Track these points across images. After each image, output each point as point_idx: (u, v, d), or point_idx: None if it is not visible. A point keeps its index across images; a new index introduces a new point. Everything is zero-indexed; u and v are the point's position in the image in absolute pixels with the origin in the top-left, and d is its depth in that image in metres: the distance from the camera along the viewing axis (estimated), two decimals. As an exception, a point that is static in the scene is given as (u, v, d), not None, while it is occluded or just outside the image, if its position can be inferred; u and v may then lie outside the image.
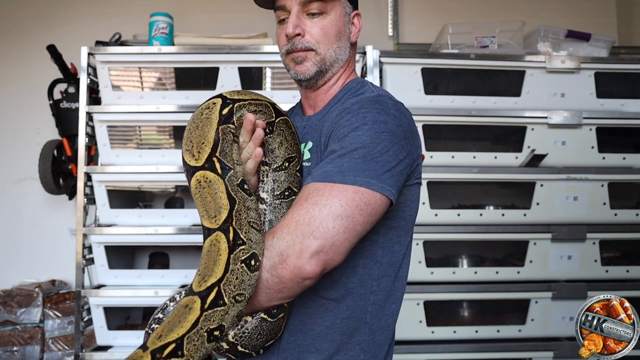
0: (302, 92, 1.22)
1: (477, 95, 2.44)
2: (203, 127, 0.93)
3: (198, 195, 0.89)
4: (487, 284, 2.38)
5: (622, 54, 3.02)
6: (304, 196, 0.93)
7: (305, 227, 0.89)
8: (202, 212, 0.88)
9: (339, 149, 0.97)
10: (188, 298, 0.84)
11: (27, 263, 3.15)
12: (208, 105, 0.96)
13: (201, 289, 0.84)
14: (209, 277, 0.85)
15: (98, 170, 2.40)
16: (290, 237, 0.89)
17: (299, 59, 1.13)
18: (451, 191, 2.54)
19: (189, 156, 0.91)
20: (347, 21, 1.17)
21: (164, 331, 0.82)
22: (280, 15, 1.15)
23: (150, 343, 0.81)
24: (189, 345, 0.82)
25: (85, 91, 2.40)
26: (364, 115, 1.00)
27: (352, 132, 0.98)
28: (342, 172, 0.93)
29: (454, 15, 3.21)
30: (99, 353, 2.33)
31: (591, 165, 2.43)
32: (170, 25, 2.51)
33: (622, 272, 2.44)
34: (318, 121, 1.16)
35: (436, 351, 2.33)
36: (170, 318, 0.83)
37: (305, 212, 0.90)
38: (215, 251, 0.86)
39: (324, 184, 0.93)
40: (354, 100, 1.07)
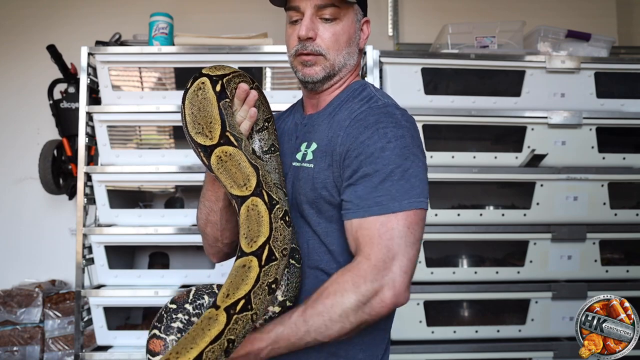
0: (306, 92, 1.25)
1: (477, 95, 2.44)
2: (205, 107, 0.98)
3: (222, 170, 0.96)
4: (487, 284, 2.38)
5: (622, 54, 3.02)
6: (377, 234, 1.00)
7: (393, 265, 0.99)
8: (230, 183, 0.96)
9: (373, 172, 1.03)
10: (243, 259, 0.92)
11: (27, 263, 3.15)
12: (198, 86, 1.00)
13: (254, 249, 0.93)
14: (257, 237, 0.93)
15: (98, 170, 2.40)
16: (382, 279, 0.98)
17: (308, 63, 1.15)
18: (451, 191, 2.54)
19: (202, 137, 0.96)
20: (358, 28, 1.20)
21: (230, 290, 0.89)
22: (293, 16, 1.16)
23: (220, 302, 0.88)
24: (255, 299, 0.90)
25: (85, 91, 2.40)
26: (384, 131, 1.05)
27: (380, 152, 1.04)
28: (394, 198, 1.01)
29: (454, 15, 3.21)
30: (99, 353, 2.33)
31: (591, 165, 2.43)
32: (170, 25, 2.51)
33: (622, 272, 2.44)
34: (320, 120, 1.18)
35: (436, 351, 2.33)
36: (232, 278, 0.91)
37: (387, 250, 0.99)
38: (256, 214, 0.94)
39: (386, 216, 1.00)
40: (364, 109, 1.11)
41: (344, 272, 1.00)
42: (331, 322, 0.98)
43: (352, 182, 1.06)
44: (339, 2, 1.13)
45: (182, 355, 0.81)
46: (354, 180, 1.05)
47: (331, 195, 1.10)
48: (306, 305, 1.00)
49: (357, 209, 1.03)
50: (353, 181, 1.05)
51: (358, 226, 1.03)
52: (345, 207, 1.06)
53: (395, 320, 2.37)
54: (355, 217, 1.03)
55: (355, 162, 1.05)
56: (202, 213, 1.19)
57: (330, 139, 1.12)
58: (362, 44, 1.22)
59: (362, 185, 1.04)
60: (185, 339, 0.84)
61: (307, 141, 1.17)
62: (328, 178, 1.10)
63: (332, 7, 1.12)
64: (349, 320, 0.98)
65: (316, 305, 0.99)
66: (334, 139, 1.11)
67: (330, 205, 1.11)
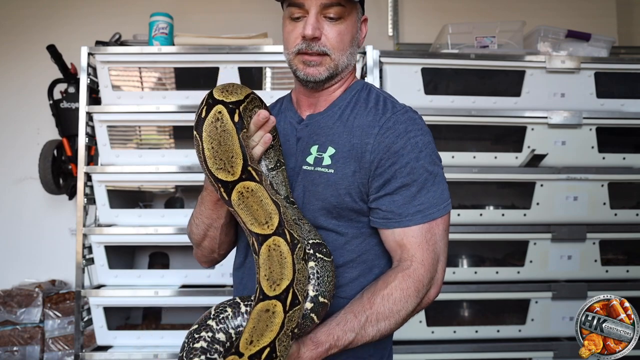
0: (303, 90, 1.21)
1: (477, 95, 2.44)
2: (225, 141, 0.93)
3: (243, 206, 0.93)
4: (487, 284, 2.38)
5: (622, 54, 3.02)
6: (424, 240, 1.08)
7: (438, 266, 1.10)
8: (251, 220, 0.93)
9: (411, 182, 1.09)
10: (266, 302, 0.89)
11: (27, 263, 3.15)
12: (216, 116, 0.95)
13: (277, 293, 0.90)
14: (280, 280, 0.90)
15: (98, 170, 2.40)
16: (432, 280, 1.09)
17: (312, 63, 1.12)
18: (451, 191, 2.53)
19: (223, 173, 0.93)
20: (359, 27, 1.18)
21: (254, 336, 0.86)
22: (295, 13, 1.12)
23: (243, 348, 0.85)
24: (280, 346, 0.88)
25: (85, 91, 2.40)
26: (415, 141, 1.10)
27: (415, 162, 1.09)
28: (433, 205, 1.09)
29: (454, 15, 3.21)
30: (99, 353, 2.33)
31: (591, 165, 2.43)
32: (170, 25, 2.51)
33: (622, 272, 2.44)
34: (329, 123, 1.16)
35: (436, 351, 2.33)
36: (254, 323, 0.88)
37: (434, 254, 1.08)
38: (278, 255, 0.91)
39: (429, 224, 1.09)
40: (389, 116, 1.12)
41: (405, 278, 1.06)
42: (395, 325, 1.05)
43: (390, 192, 1.09)
44: (344, 1, 1.11)
45: None
46: (391, 189, 1.09)
47: (354, 201, 1.11)
48: (370, 311, 1.03)
49: (400, 219, 1.08)
50: (390, 190, 1.09)
51: (402, 234, 1.08)
52: (386, 217, 1.09)
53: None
54: (399, 226, 1.08)
55: (389, 171, 1.08)
56: (198, 228, 1.17)
57: (354, 146, 1.11)
58: (361, 43, 1.21)
59: (400, 195, 1.08)
60: None
61: (318, 144, 1.14)
62: (352, 184, 1.10)
63: (337, 6, 1.10)
64: (406, 321, 1.08)
65: (383, 310, 1.04)
66: (360, 146, 1.10)
67: (352, 212, 1.12)
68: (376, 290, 1.05)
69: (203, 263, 1.28)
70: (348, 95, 1.18)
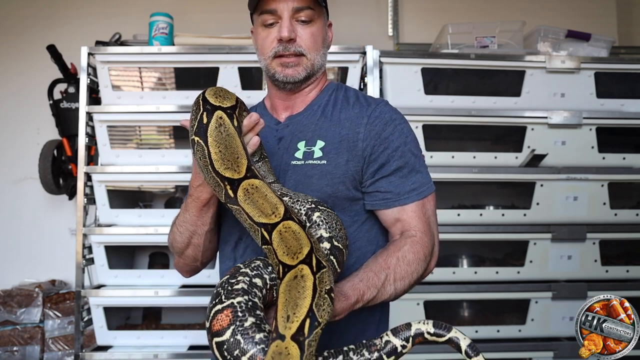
0: (279, 94, 1.25)
1: (477, 95, 2.44)
2: (230, 144, 0.99)
3: (249, 201, 0.97)
4: (487, 284, 2.38)
5: (622, 54, 3.02)
6: (421, 214, 1.17)
7: (435, 239, 1.20)
8: (257, 212, 0.96)
9: (403, 165, 1.18)
10: (292, 271, 0.87)
11: (27, 263, 3.15)
12: (218, 122, 1.00)
13: (301, 259, 0.88)
14: (300, 249, 0.90)
15: (98, 170, 2.40)
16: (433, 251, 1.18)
17: (290, 64, 1.18)
18: (451, 191, 2.54)
19: (231, 172, 0.97)
20: (327, 30, 1.25)
21: (289, 310, 0.82)
22: (268, 19, 1.18)
23: (282, 329, 0.80)
24: (320, 312, 0.84)
25: (85, 91, 2.40)
26: (400, 127, 1.20)
27: (404, 146, 1.18)
28: (423, 184, 1.18)
29: (454, 15, 3.21)
30: (99, 353, 2.33)
31: (591, 165, 2.43)
32: (170, 25, 2.51)
33: (622, 272, 2.44)
34: (312, 120, 1.21)
35: (436, 351, 2.33)
36: (286, 295, 0.84)
37: (429, 227, 1.18)
38: (291, 234, 0.93)
39: (422, 201, 1.18)
40: (374, 107, 1.21)
41: (415, 244, 1.13)
42: (409, 285, 1.13)
43: (386, 174, 1.17)
44: (314, 5, 1.18)
45: None
46: (387, 172, 1.17)
47: (347, 189, 1.16)
48: (388, 271, 1.09)
49: (399, 197, 1.16)
50: (386, 173, 1.17)
51: (402, 211, 1.16)
52: (385, 197, 1.17)
53: (396, 320, 2.38)
54: (398, 205, 1.16)
55: (383, 156, 1.16)
56: (182, 236, 1.19)
57: (345, 137, 1.17)
58: (329, 46, 1.28)
59: (395, 176, 1.17)
60: None
61: (305, 140, 1.19)
62: (346, 173, 1.15)
63: (308, 9, 1.17)
64: (414, 284, 1.16)
65: (400, 270, 1.10)
66: (351, 135, 1.17)
67: (346, 200, 1.17)
68: (390, 253, 1.11)
69: (184, 272, 1.29)
70: (325, 94, 1.25)
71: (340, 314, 0.99)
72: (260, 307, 0.93)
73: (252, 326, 0.87)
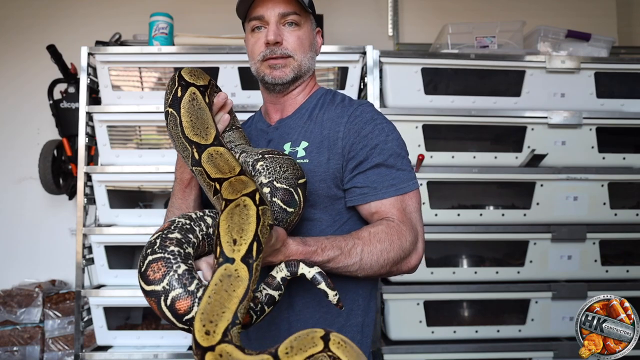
0: (269, 97, 1.31)
1: (477, 95, 2.44)
2: (201, 116, 1.08)
3: (210, 162, 1.02)
4: (487, 284, 2.38)
5: (622, 54, 3.02)
6: (400, 209, 1.17)
7: (419, 235, 1.18)
8: (215, 171, 1.01)
9: (382, 161, 1.19)
10: (234, 202, 0.90)
11: (27, 263, 3.15)
12: (191, 96, 1.10)
13: (243, 193, 0.92)
14: (243, 188, 0.94)
15: (98, 170, 2.40)
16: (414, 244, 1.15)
17: (277, 66, 1.24)
18: (451, 191, 2.54)
19: (198, 138, 1.06)
20: (314, 36, 1.31)
21: (234, 234, 0.84)
22: (256, 24, 1.25)
23: (229, 252, 0.83)
24: (263, 239, 0.89)
25: (85, 91, 2.40)
26: (382, 126, 1.21)
27: (384, 144, 1.20)
28: (403, 181, 1.19)
29: (454, 15, 3.21)
30: (99, 353, 2.33)
31: (591, 165, 2.43)
32: (170, 25, 2.51)
33: (622, 272, 2.44)
34: (299, 123, 1.26)
35: (436, 351, 2.33)
36: (228, 222, 0.86)
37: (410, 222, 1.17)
38: (239, 181, 0.96)
39: (402, 196, 1.18)
40: (355, 107, 1.24)
41: (390, 227, 1.13)
42: (377, 264, 1.11)
43: (363, 170, 1.19)
44: (299, 10, 1.24)
45: (219, 321, 0.76)
46: (365, 168, 1.19)
47: (328, 187, 1.20)
48: (357, 240, 1.10)
49: (376, 192, 1.18)
50: (364, 169, 1.19)
51: (379, 206, 1.17)
52: (363, 192, 1.19)
53: (395, 320, 2.38)
54: (375, 199, 1.17)
55: (362, 153, 1.18)
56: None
57: (326, 136, 1.21)
58: (318, 52, 1.33)
59: (373, 172, 1.18)
60: (210, 306, 0.77)
61: (291, 141, 1.24)
62: (327, 171, 1.19)
63: (294, 14, 1.23)
64: (385, 269, 1.13)
65: (369, 243, 1.10)
66: (332, 134, 1.21)
67: (327, 198, 1.21)
68: (364, 228, 1.14)
69: None
70: (314, 99, 1.30)
71: (293, 256, 1.03)
72: (192, 256, 0.96)
73: (184, 273, 0.90)
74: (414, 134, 2.37)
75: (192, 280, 0.89)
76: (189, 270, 0.90)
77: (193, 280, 0.89)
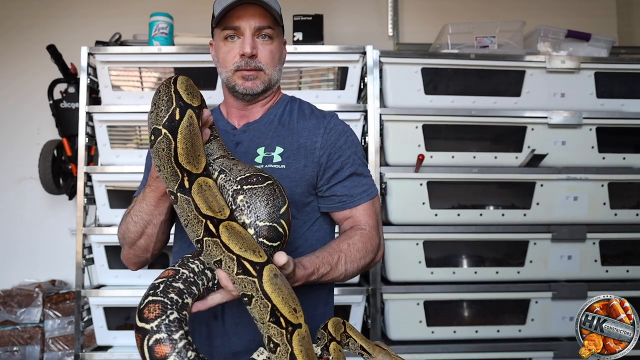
0: (236, 103, 1.35)
1: (477, 95, 2.44)
2: (195, 142, 1.07)
3: (201, 195, 1.04)
4: (487, 284, 2.38)
5: (622, 54, 3.02)
6: (370, 213, 1.32)
7: (382, 235, 1.35)
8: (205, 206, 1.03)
9: (354, 171, 1.32)
10: (268, 268, 0.98)
11: (27, 263, 3.15)
12: (189, 120, 1.07)
13: (265, 259, 0.99)
14: (259, 250, 1.00)
15: (98, 170, 2.40)
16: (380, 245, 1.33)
17: (250, 77, 1.28)
18: (451, 191, 2.54)
19: (191, 166, 1.06)
20: (283, 47, 1.37)
21: (292, 304, 0.97)
22: (229, 33, 1.28)
23: (294, 320, 0.96)
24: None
25: (85, 91, 2.40)
26: (351, 138, 1.35)
27: (354, 155, 1.33)
28: (370, 187, 1.34)
29: (454, 15, 3.21)
30: (99, 353, 2.33)
31: (591, 165, 2.43)
32: (170, 25, 2.51)
33: (622, 272, 2.44)
34: (269, 128, 1.32)
35: (436, 351, 2.33)
36: (279, 292, 0.96)
37: (377, 224, 1.33)
38: (238, 233, 1.01)
39: (371, 201, 1.33)
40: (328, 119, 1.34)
41: (364, 236, 1.28)
42: (357, 270, 1.26)
43: (341, 180, 1.31)
44: (273, 24, 1.29)
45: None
46: (342, 177, 1.31)
47: (303, 194, 1.28)
48: (340, 253, 1.23)
49: (353, 199, 1.31)
50: (341, 178, 1.31)
51: (355, 211, 1.32)
52: (342, 200, 1.31)
53: (395, 320, 2.38)
54: (352, 206, 1.31)
55: (338, 163, 1.30)
56: (137, 225, 1.24)
57: (302, 145, 1.29)
58: (283, 62, 1.38)
59: (349, 181, 1.31)
60: None
61: (264, 146, 1.29)
62: (303, 178, 1.27)
63: (268, 28, 1.28)
64: (362, 271, 1.30)
65: (350, 254, 1.24)
66: (309, 144, 1.29)
67: (300, 204, 1.27)
68: (342, 240, 1.26)
69: (132, 265, 1.33)
70: (280, 105, 1.37)
71: (299, 281, 1.12)
72: (189, 306, 1.01)
73: (174, 321, 0.95)
74: (414, 134, 2.37)
75: (179, 330, 0.94)
76: (180, 320, 0.96)
77: (180, 330, 0.94)
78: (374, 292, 2.32)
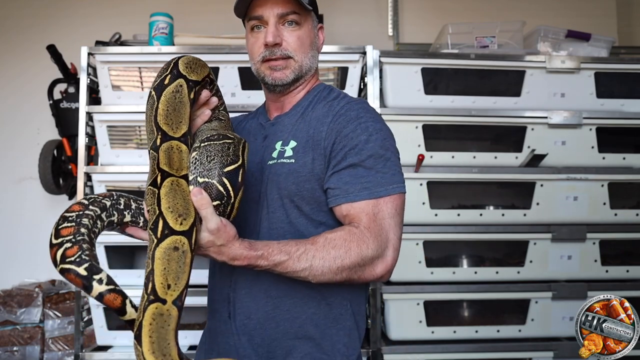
0: (271, 95, 1.30)
1: (477, 95, 2.44)
2: (179, 109, 1.07)
3: (167, 154, 1.04)
4: (487, 284, 2.38)
5: (622, 54, 3.02)
6: (370, 213, 1.11)
7: (389, 242, 1.11)
8: (165, 161, 1.02)
9: (359, 162, 1.13)
10: (173, 239, 0.94)
11: (27, 263, 3.15)
12: (176, 88, 1.09)
13: (185, 229, 0.94)
14: (186, 215, 0.95)
15: (98, 170, 2.40)
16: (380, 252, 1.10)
17: (278, 67, 1.22)
18: (451, 191, 2.54)
19: (168, 127, 1.06)
20: (315, 34, 1.29)
21: (170, 279, 0.92)
22: (255, 24, 1.23)
23: (163, 294, 0.92)
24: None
25: (85, 91, 2.40)
26: (366, 125, 1.15)
27: (364, 144, 1.14)
28: (380, 184, 1.12)
29: (454, 15, 3.21)
30: (99, 353, 2.33)
31: (591, 165, 2.43)
32: (170, 25, 2.51)
33: (622, 272, 2.44)
34: (292, 120, 1.25)
35: (436, 351, 2.33)
36: (165, 264, 0.93)
37: (381, 228, 1.10)
38: (182, 191, 0.99)
39: (376, 200, 1.12)
40: (342, 105, 1.20)
41: (351, 233, 1.09)
42: (329, 270, 1.07)
43: (337, 170, 1.14)
44: (299, 9, 1.21)
45: (170, 350, 0.87)
46: (339, 168, 1.14)
47: (313, 188, 1.16)
48: (310, 246, 1.08)
49: (346, 194, 1.13)
50: (338, 169, 1.14)
51: (349, 209, 1.12)
52: (334, 194, 1.14)
53: (395, 320, 2.38)
54: (346, 201, 1.13)
55: (341, 153, 1.14)
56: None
57: (311, 136, 1.18)
58: (320, 49, 1.31)
59: (347, 172, 1.13)
60: (156, 344, 0.88)
61: (282, 139, 1.22)
62: (312, 172, 1.16)
63: (293, 14, 1.21)
64: (341, 275, 1.08)
65: (322, 249, 1.07)
66: (316, 134, 1.18)
67: (312, 200, 1.17)
68: (323, 234, 1.10)
69: None
70: (310, 95, 1.28)
71: (239, 259, 1.03)
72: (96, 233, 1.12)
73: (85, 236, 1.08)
74: (414, 134, 2.37)
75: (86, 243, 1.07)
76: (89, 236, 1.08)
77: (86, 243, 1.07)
78: (373, 292, 2.32)
